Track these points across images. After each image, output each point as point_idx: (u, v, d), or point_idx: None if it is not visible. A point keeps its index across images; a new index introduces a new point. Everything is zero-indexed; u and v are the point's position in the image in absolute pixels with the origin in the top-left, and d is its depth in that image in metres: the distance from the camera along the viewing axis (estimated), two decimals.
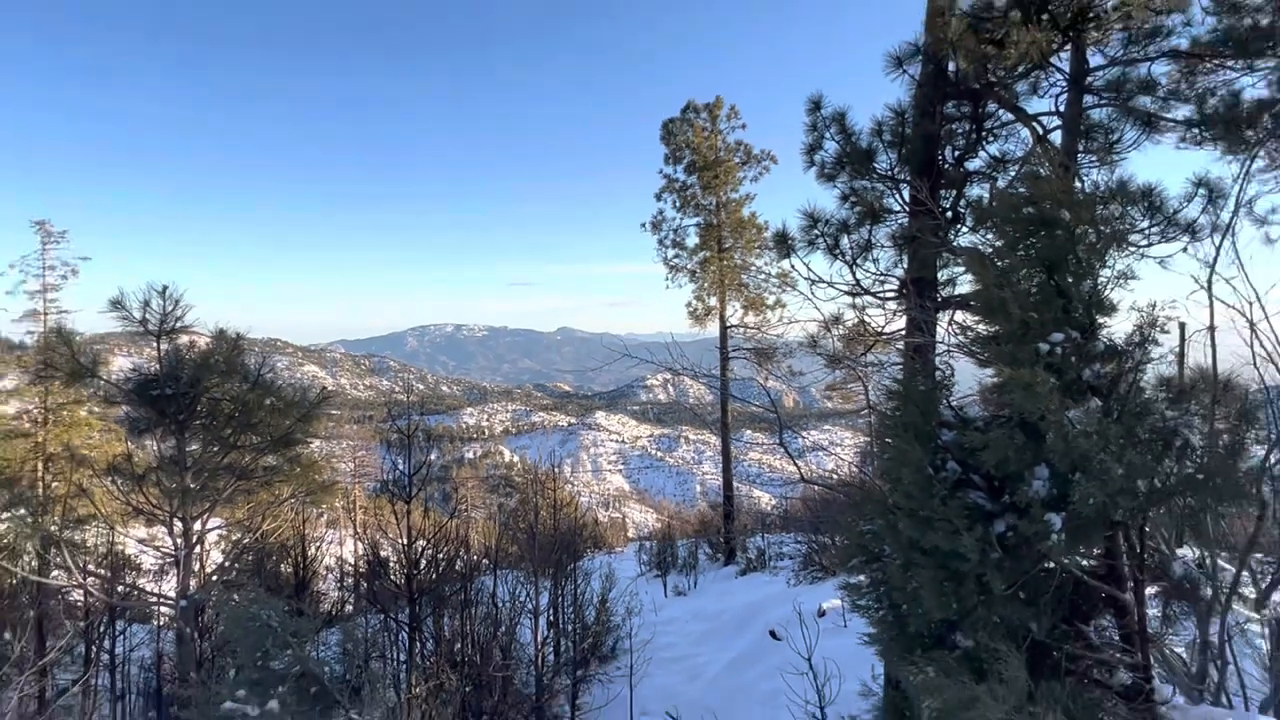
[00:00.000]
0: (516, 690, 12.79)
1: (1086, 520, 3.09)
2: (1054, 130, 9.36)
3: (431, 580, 13.89)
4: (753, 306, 21.58)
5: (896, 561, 3.52)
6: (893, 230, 9.83)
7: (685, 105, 22.41)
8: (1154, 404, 3.44)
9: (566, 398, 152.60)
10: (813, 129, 10.23)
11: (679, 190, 22.30)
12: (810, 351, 10.94)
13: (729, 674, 12.57)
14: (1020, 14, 8.92)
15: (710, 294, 22.08)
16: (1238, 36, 9.78)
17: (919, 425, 3.47)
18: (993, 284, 3.43)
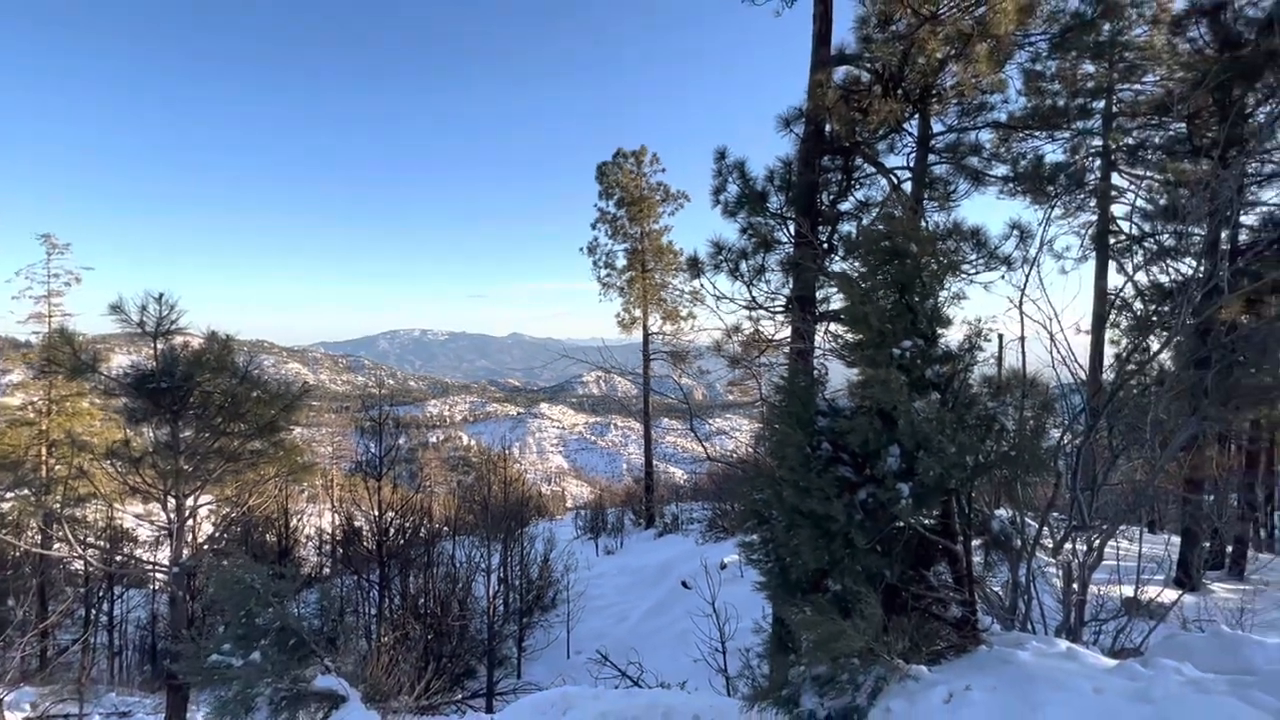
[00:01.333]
0: (472, 637, 12.54)
1: (928, 488, 3.20)
2: (906, 181, 9.73)
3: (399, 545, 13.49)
4: (670, 317, 21.74)
5: (782, 523, 3.57)
6: (781, 257, 10.04)
7: (616, 151, 22.44)
8: (979, 397, 3.60)
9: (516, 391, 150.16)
10: (718, 174, 10.37)
11: (610, 221, 22.29)
12: (715, 354, 11.09)
13: (648, 618, 12.59)
14: (881, 89, 9.24)
15: (636, 307, 22.14)
16: (1042, 113, 10.40)
17: (800, 414, 3.54)
18: (857, 301, 3.53)
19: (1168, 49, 11.26)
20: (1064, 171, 10.86)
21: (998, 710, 2.58)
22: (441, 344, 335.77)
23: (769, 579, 3.82)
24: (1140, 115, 11.58)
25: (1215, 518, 8.61)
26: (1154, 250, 10.13)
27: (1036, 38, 9.75)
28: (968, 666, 3.11)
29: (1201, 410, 5.04)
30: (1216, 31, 10.61)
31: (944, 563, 3.85)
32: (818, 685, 3.30)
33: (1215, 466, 9.16)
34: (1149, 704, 2.42)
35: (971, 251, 9.28)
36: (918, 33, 8.69)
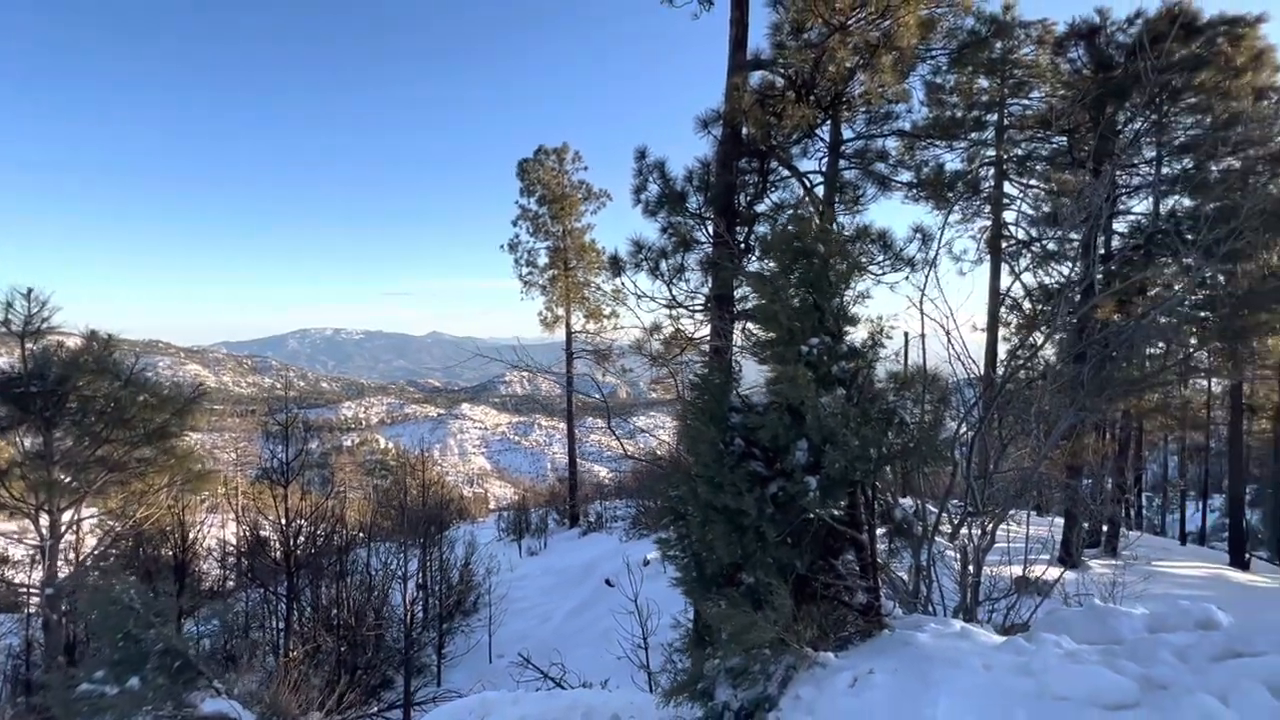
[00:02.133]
0: (389, 646, 12.09)
1: (834, 480, 3.31)
2: (819, 185, 10.07)
3: (309, 555, 12.84)
4: (593, 316, 21.69)
5: (697, 519, 3.60)
6: (701, 257, 10.19)
7: (537, 148, 22.16)
8: (882, 392, 3.75)
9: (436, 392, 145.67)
10: (639, 174, 10.43)
11: (532, 218, 22.01)
12: (637, 353, 11.14)
13: (572, 617, 12.52)
14: (795, 94, 9.51)
15: (558, 305, 21.97)
16: (942, 123, 10.99)
17: (713, 411, 3.58)
18: (768, 300, 3.61)
19: (1051, 68, 12.16)
20: (962, 179, 11.56)
21: (896, 690, 2.69)
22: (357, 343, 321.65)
23: (685, 574, 3.85)
24: (1028, 128, 12.46)
25: (1093, 501, 9.37)
26: (1040, 254, 10.90)
27: (937, 52, 10.30)
28: (872, 650, 3.24)
29: (1079, 402, 5.44)
30: (1092, 54, 11.55)
31: (851, 551, 3.99)
32: (732, 677, 3.36)
33: (1092, 453, 9.98)
34: (1031, 676, 2.59)
35: (879, 253, 9.72)
36: (828, 41, 9.01)
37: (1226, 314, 9.75)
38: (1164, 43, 10.00)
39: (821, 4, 8.57)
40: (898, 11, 8.53)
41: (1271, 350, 13.95)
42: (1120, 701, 2.35)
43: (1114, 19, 11.65)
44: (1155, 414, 17.04)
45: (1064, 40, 11.99)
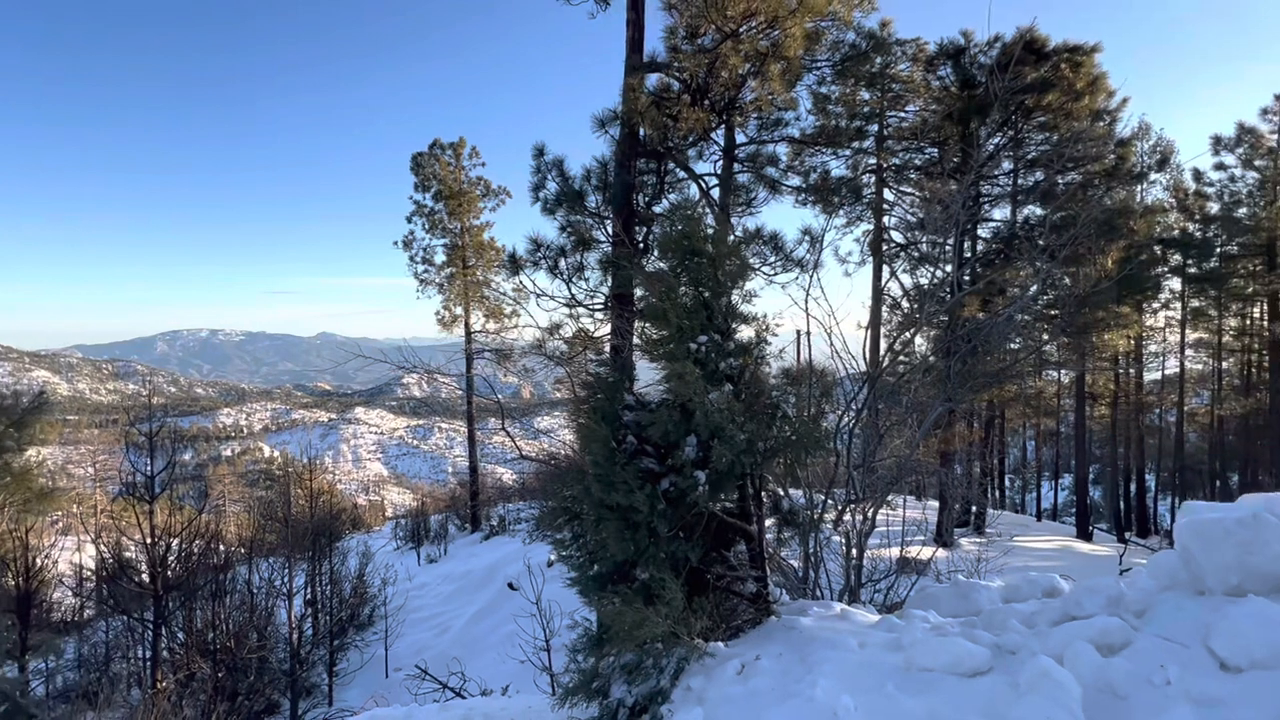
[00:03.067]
0: (274, 668, 11.31)
1: (723, 474, 3.39)
2: (714, 188, 10.32)
3: (181, 576, 11.80)
4: (493, 315, 21.23)
5: (590, 518, 3.59)
6: (600, 256, 10.19)
7: (432, 142, 21.42)
8: (767, 387, 3.88)
9: (327, 396, 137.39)
10: (537, 171, 10.30)
11: (428, 215, 21.26)
12: (538, 352, 11.01)
13: (473, 624, 12.20)
14: (690, 98, 9.69)
15: (457, 304, 21.35)
16: (828, 132, 11.53)
17: (605, 409, 3.58)
18: (659, 298, 3.65)
19: (924, 84, 13.07)
20: (846, 185, 12.19)
21: (780, 674, 2.79)
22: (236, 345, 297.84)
23: (580, 574, 3.83)
24: (904, 139, 13.32)
25: (963, 484, 10.18)
26: (915, 257, 11.70)
27: (822, 64, 10.80)
28: (760, 637, 3.35)
29: (947, 393, 5.88)
30: (959, 73, 12.52)
31: (742, 542, 4.11)
32: (626, 673, 3.37)
33: (962, 441, 10.83)
34: (900, 651, 2.76)
35: (771, 254, 10.10)
36: (721, 48, 9.23)
37: (1071, 312, 10.90)
38: (1018, 65, 10.99)
39: (714, 10, 8.77)
40: (785, 22, 8.87)
41: (1108, 344, 15.69)
42: (975, 668, 2.55)
43: (977, 41, 12.69)
44: (1014, 403, 18.74)
45: (934, 59, 12.92)
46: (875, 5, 9.68)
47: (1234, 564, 2.52)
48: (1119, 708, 2.24)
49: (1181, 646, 2.40)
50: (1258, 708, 2.12)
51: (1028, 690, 2.26)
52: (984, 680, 2.50)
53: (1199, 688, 2.22)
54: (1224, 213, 19.03)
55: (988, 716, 2.25)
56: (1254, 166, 18.24)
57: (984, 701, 2.35)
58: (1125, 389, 22.02)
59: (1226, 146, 18.53)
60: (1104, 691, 2.30)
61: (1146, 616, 2.67)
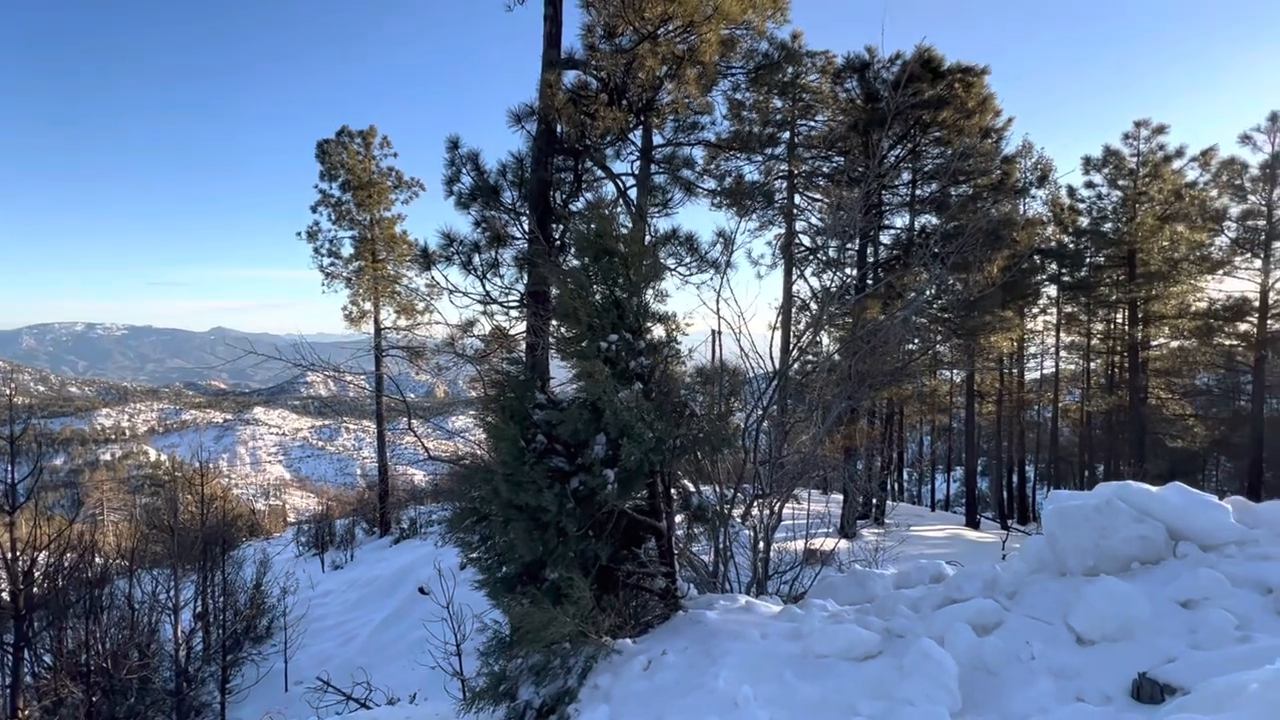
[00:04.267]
0: (157, 688, 10.47)
1: (632, 472, 3.41)
2: (631, 187, 10.37)
3: (49, 593, 10.73)
4: (405, 311, 20.49)
5: (499, 519, 3.54)
6: (516, 253, 10.04)
7: (340, 129, 20.42)
8: (678, 385, 3.94)
9: (222, 395, 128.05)
10: (451, 164, 10.04)
11: (334, 205, 20.26)
12: (451, 350, 10.74)
13: (380, 631, 11.75)
14: (608, 97, 9.69)
15: (365, 300, 20.45)
16: (742, 137, 11.83)
17: (515, 408, 3.53)
18: (570, 297, 3.63)
19: (832, 95, 13.62)
20: (759, 190, 12.55)
21: (685, 667, 2.84)
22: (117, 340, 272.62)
23: (488, 575, 3.76)
24: (814, 147, 13.84)
25: (864, 478, 10.70)
26: (823, 261, 12.19)
27: (737, 71, 11.06)
28: (667, 632, 3.39)
29: (849, 391, 6.16)
30: (863, 86, 13.13)
31: (652, 539, 4.15)
32: (534, 674, 3.34)
33: (864, 436, 11.38)
34: (799, 640, 2.87)
35: (686, 255, 10.26)
36: (639, 49, 9.28)
37: (961, 316, 11.69)
38: (916, 83, 11.66)
39: (631, 11, 8.81)
40: (701, 28, 9.02)
41: (994, 346, 16.91)
42: (867, 652, 2.69)
43: (880, 58, 13.36)
44: (912, 400, 19.89)
45: (841, 72, 13.50)
46: (787, 17, 10.00)
47: (1090, 547, 2.76)
48: (991, 683, 2.42)
49: (1045, 624, 2.62)
50: (1108, 676, 2.34)
51: (911, 671, 2.40)
52: (874, 663, 2.64)
53: (1059, 660, 2.43)
54: (1092, 227, 20.89)
55: (876, 697, 2.37)
56: (1118, 186, 20.13)
57: (873, 683, 2.48)
58: (1009, 387, 23.82)
59: (1095, 167, 20.35)
60: (978, 668, 2.47)
61: (1017, 597, 2.89)
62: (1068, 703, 2.20)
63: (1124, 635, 2.45)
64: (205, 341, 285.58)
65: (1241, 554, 2.81)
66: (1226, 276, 18.48)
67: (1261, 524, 3.02)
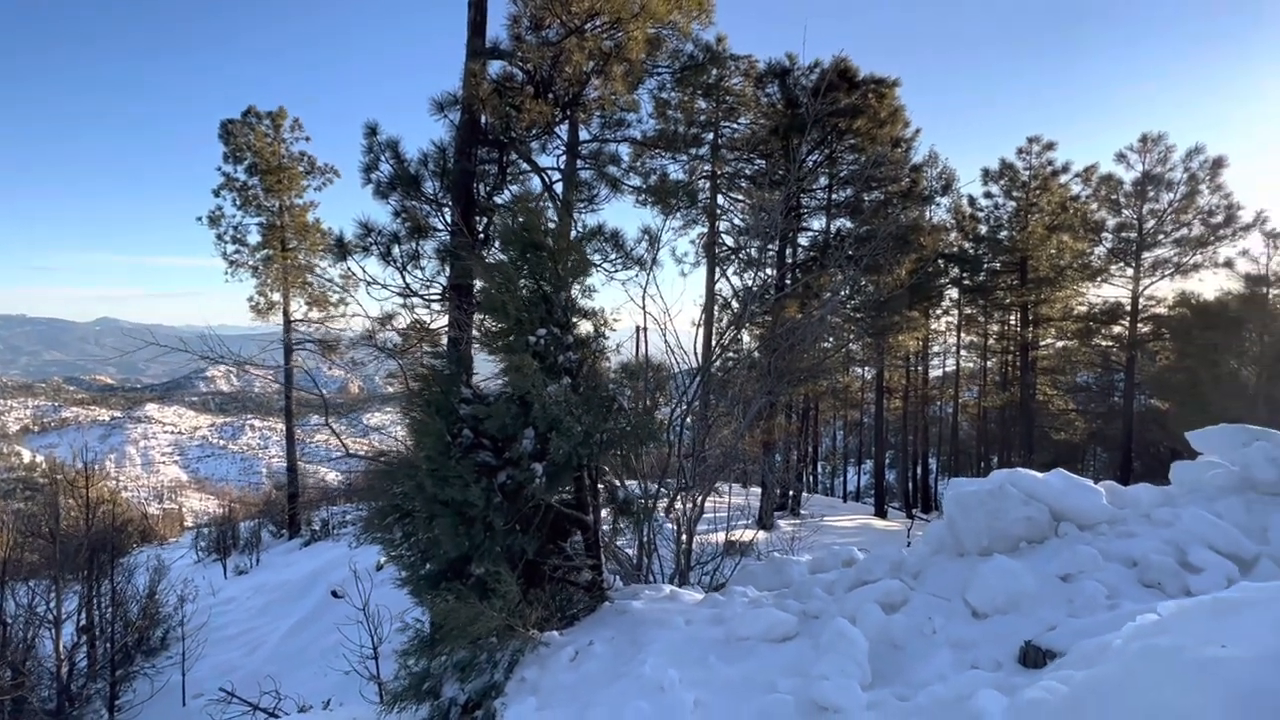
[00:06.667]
0: (35, 709, 9.60)
1: (560, 466, 3.43)
2: (557, 182, 10.30)
3: None
4: (317, 303, 19.54)
5: (423, 515, 3.48)
6: (438, 245, 9.78)
7: (247, 110, 19.22)
8: (605, 380, 3.98)
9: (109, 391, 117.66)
10: (369, 151, 9.67)
11: (240, 189, 19.06)
12: (369, 344, 10.37)
13: (290, 638, 11.22)
14: (534, 90, 9.59)
15: (274, 290, 19.36)
16: (667, 136, 11.97)
17: (440, 402, 3.48)
18: (497, 290, 3.60)
19: (754, 99, 14.00)
20: (683, 189, 12.74)
21: (612, 656, 2.89)
22: None
23: (412, 573, 3.70)
24: (737, 149, 14.19)
25: (782, 471, 11.10)
26: (745, 260, 12.52)
27: (663, 70, 11.19)
28: (594, 623, 3.44)
29: (768, 386, 6.38)
30: (784, 92, 13.56)
31: (579, 533, 4.19)
32: (459, 671, 3.31)
33: (782, 431, 11.80)
34: (722, 624, 2.97)
35: (612, 251, 10.30)
36: (565, 42, 9.24)
37: (872, 316, 12.32)
38: (833, 91, 12.15)
39: (559, 4, 8.76)
40: (628, 25, 9.07)
41: (901, 345, 17.89)
42: (785, 633, 2.82)
43: (800, 65, 13.83)
44: (826, 396, 20.76)
45: (763, 77, 13.89)
46: (712, 20, 10.19)
47: (984, 529, 3.01)
48: (897, 656, 2.60)
49: (945, 600, 2.83)
50: (999, 645, 2.56)
51: (827, 649, 2.54)
52: (792, 643, 2.78)
53: (957, 633, 2.64)
54: (990, 234, 22.42)
55: (794, 674, 2.50)
56: (1012, 197, 21.68)
57: (791, 662, 2.61)
58: (914, 384, 25.26)
59: (993, 178, 21.85)
60: (886, 644, 2.65)
61: (921, 577, 3.11)
62: (964, 670, 2.40)
63: (1013, 608, 2.69)
64: (89, 332, 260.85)
65: (1112, 532, 3.13)
66: (1104, 283, 20.29)
67: (1128, 505, 3.38)
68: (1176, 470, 3.71)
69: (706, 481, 5.62)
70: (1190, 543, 2.88)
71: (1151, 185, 17.96)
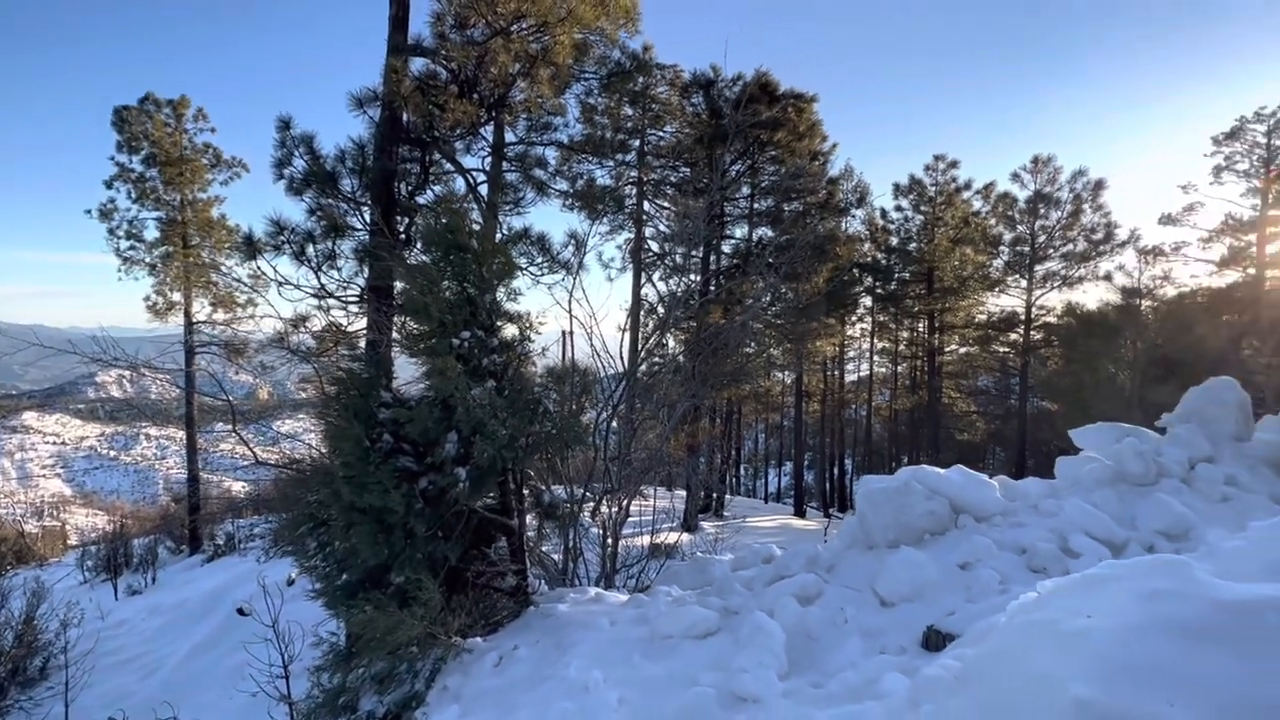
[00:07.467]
0: None
1: (484, 470, 3.39)
2: (483, 183, 10.13)
3: None
4: (223, 304, 18.38)
5: (340, 523, 3.36)
6: (356, 245, 9.43)
7: (145, 96, 17.90)
8: (531, 383, 3.97)
9: None
10: (282, 145, 9.22)
11: (136, 181, 17.70)
12: (280, 347, 9.88)
13: (191, 660, 10.47)
14: (458, 89, 9.42)
15: (174, 289, 18.08)
16: (594, 141, 12.02)
17: (359, 406, 3.37)
18: (420, 292, 3.53)
19: (680, 108, 14.24)
20: (610, 194, 12.80)
21: (537, 660, 2.89)
22: None
23: (327, 584, 3.56)
24: (662, 157, 14.39)
25: (706, 474, 11.30)
26: (670, 266, 12.70)
27: (590, 76, 11.23)
28: (518, 628, 3.41)
29: (693, 390, 6.51)
30: (709, 102, 13.87)
31: (503, 538, 4.14)
32: (377, 683, 3.21)
33: (706, 434, 12.02)
34: (646, 624, 3.02)
35: (538, 255, 10.22)
36: (491, 43, 9.12)
37: (792, 321, 12.76)
38: (755, 104, 12.54)
39: (484, 4, 8.65)
40: (555, 29, 9.06)
41: (819, 350, 18.60)
42: (707, 630, 2.90)
43: (724, 77, 14.19)
44: (749, 400, 21.31)
45: (689, 87, 14.16)
46: (639, 28, 10.31)
47: (891, 522, 3.19)
48: (813, 646, 2.71)
49: (856, 592, 2.98)
50: (904, 631, 2.72)
51: (746, 642, 2.63)
52: (714, 639, 2.86)
53: (867, 621, 2.79)
54: (900, 246, 23.66)
55: (715, 669, 2.57)
56: (920, 211, 22.97)
57: (713, 657, 2.68)
58: (831, 388, 26.29)
59: (902, 193, 23.07)
60: (802, 635, 2.76)
61: (835, 570, 3.26)
62: (873, 656, 2.54)
63: (917, 596, 2.86)
64: None
65: (1005, 522, 3.38)
66: (1002, 293, 21.78)
67: (1019, 498, 3.65)
68: (1060, 465, 4.05)
69: (632, 485, 5.67)
70: (1071, 530, 3.15)
71: (1042, 203, 19.45)
